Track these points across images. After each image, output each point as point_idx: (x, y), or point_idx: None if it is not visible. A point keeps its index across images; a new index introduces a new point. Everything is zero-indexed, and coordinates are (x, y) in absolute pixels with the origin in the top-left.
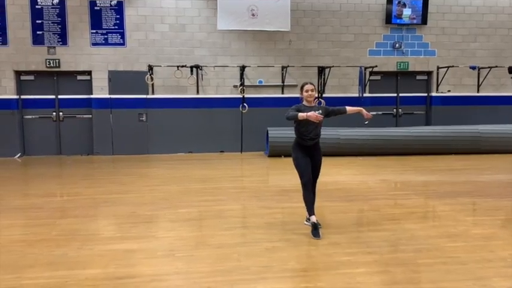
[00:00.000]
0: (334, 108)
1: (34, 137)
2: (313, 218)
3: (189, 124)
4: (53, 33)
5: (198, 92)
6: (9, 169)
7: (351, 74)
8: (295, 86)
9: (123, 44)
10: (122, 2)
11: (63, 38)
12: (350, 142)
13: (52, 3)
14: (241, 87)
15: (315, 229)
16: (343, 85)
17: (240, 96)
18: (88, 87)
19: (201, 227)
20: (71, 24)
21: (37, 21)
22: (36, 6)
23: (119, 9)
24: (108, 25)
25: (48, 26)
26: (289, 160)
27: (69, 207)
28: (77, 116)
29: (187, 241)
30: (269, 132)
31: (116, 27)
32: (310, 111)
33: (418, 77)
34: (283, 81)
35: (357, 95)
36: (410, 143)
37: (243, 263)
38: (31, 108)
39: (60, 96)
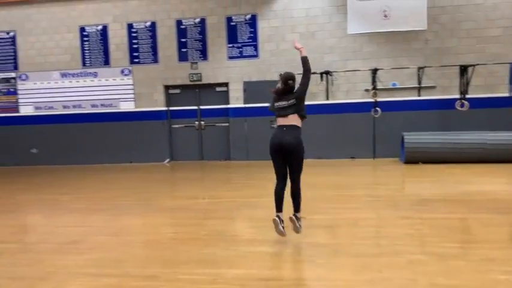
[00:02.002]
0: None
1: (180, 144)
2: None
3: (319, 130)
4: (195, 50)
5: (327, 98)
6: (160, 173)
7: (500, 71)
8: (434, 87)
9: (256, 55)
10: (255, 15)
11: (203, 54)
12: (499, 148)
13: (194, 22)
14: (373, 90)
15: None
16: (490, 84)
17: (372, 100)
18: (225, 97)
19: (338, 235)
20: (210, 40)
21: (182, 40)
22: (181, 26)
23: (252, 22)
24: (242, 39)
25: (191, 44)
26: (429, 167)
27: (213, 209)
28: (216, 124)
29: (325, 248)
30: (405, 137)
31: (250, 40)
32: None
33: None
34: (419, 83)
35: (506, 94)
36: None
37: (385, 275)
38: (177, 118)
39: (201, 107)
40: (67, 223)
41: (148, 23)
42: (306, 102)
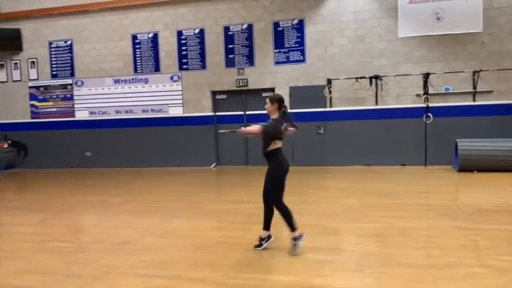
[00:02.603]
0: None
1: (226, 149)
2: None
3: (367, 136)
4: (242, 56)
5: (376, 103)
6: (206, 177)
7: None
8: (490, 92)
9: (303, 60)
10: (303, 20)
11: (250, 59)
12: None
13: (242, 28)
14: (424, 95)
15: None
16: None
17: (424, 105)
18: None
19: (388, 244)
20: (257, 46)
21: (229, 46)
22: (229, 33)
23: (299, 27)
24: (289, 43)
25: (238, 50)
26: (484, 176)
27: (258, 214)
28: None
29: (375, 257)
30: (458, 144)
31: (297, 45)
32: (279, 125)
33: None
34: (474, 88)
35: None
36: None
37: (439, 286)
38: (224, 124)
39: (247, 112)
40: (119, 224)
41: (197, 30)
42: (355, 108)
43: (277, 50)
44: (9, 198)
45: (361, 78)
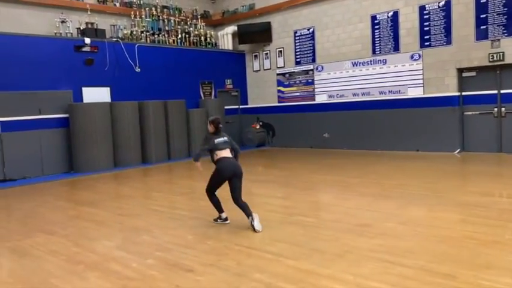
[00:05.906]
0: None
1: (473, 133)
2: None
3: None
4: (497, 26)
5: None
6: (449, 164)
7: None
8: None
9: None
10: None
11: (508, 29)
12: None
13: None
14: None
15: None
16: None
17: None
18: None
19: None
20: None
21: (481, 16)
22: (481, 1)
23: None
24: None
25: (493, 19)
26: None
27: None
28: None
29: None
30: None
31: None
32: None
33: None
34: None
35: None
36: None
37: None
38: (471, 105)
39: (502, 91)
40: (358, 206)
41: (442, 3)
42: None
43: None
44: (260, 172)
45: None
